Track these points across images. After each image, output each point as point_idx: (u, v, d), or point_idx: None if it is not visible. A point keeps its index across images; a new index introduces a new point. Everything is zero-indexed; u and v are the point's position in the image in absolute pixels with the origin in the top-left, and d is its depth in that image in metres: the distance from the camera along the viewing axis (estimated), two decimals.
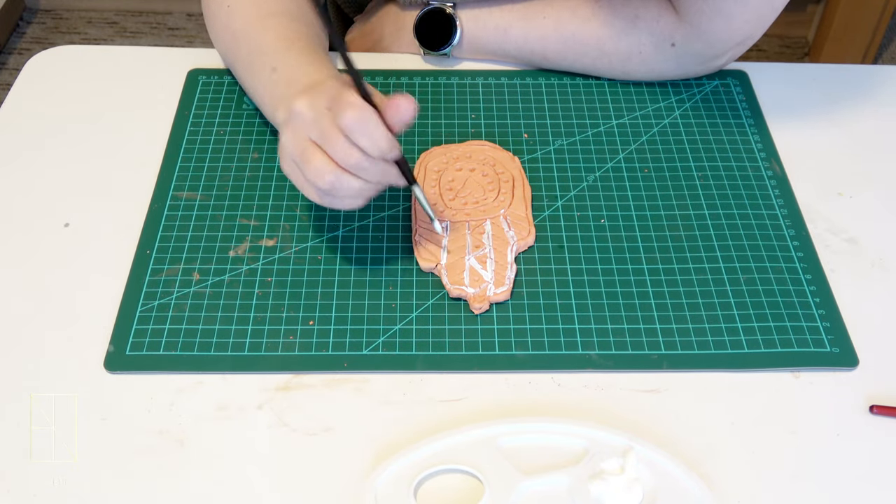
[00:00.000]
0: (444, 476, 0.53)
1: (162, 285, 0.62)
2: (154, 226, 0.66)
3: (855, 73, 0.82)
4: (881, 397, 0.58)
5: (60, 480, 0.53)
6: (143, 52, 0.81)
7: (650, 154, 0.72)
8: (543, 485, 0.52)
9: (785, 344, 0.60)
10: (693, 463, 0.54)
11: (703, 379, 0.58)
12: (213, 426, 0.55)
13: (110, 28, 2.01)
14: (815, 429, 0.56)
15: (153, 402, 0.56)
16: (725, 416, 0.57)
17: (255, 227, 0.66)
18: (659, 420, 0.56)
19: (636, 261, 0.64)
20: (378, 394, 0.57)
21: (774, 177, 0.71)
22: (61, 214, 0.67)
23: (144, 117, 0.74)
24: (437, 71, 0.79)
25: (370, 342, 0.59)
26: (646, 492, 0.52)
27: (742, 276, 0.63)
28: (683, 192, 0.69)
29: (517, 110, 0.76)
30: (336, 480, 0.53)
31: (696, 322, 0.61)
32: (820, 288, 0.63)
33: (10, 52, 1.94)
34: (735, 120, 0.75)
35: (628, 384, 0.58)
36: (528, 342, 0.59)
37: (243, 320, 0.60)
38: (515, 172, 0.69)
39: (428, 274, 0.63)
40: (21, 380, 0.57)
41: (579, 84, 0.78)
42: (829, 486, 0.54)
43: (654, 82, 0.78)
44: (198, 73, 0.78)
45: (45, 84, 0.77)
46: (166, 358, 0.58)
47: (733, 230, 0.66)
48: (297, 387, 0.57)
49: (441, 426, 0.55)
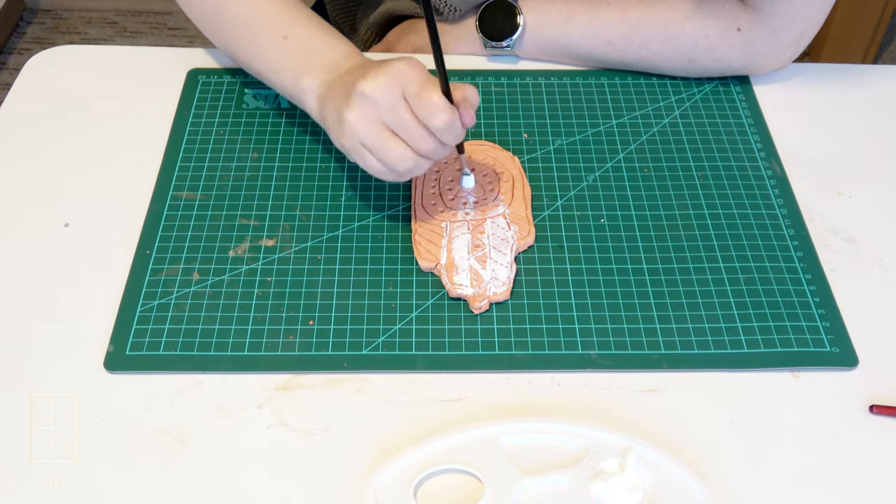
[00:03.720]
0: (444, 476, 0.53)
1: (162, 285, 0.62)
2: (154, 226, 0.66)
3: (855, 73, 0.82)
4: (881, 397, 0.58)
5: (60, 480, 0.53)
6: (143, 52, 0.81)
7: (650, 154, 0.72)
8: (543, 485, 0.52)
9: (785, 344, 0.60)
10: (693, 463, 0.54)
11: (703, 379, 0.58)
12: (213, 426, 0.55)
13: (110, 28, 2.01)
14: (815, 429, 0.56)
15: (153, 402, 0.56)
16: (725, 416, 0.57)
17: (255, 227, 0.66)
18: (659, 420, 0.56)
19: (636, 261, 0.64)
20: (378, 394, 0.57)
21: (774, 177, 0.71)
22: (61, 215, 0.67)
23: (144, 117, 0.74)
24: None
25: (370, 342, 0.59)
26: (646, 492, 0.52)
27: (742, 276, 0.63)
28: (683, 192, 0.69)
29: (517, 110, 0.76)
30: (336, 480, 0.53)
31: (696, 322, 0.61)
32: (820, 288, 0.63)
33: (10, 52, 1.94)
34: (735, 120, 0.75)
35: (628, 384, 0.58)
36: (527, 342, 0.59)
37: (243, 320, 0.60)
38: (515, 172, 0.69)
39: (428, 274, 0.63)
40: (21, 380, 0.57)
41: (579, 84, 0.78)
42: (829, 485, 0.53)
43: (654, 82, 0.78)
44: (198, 73, 0.78)
45: (45, 84, 0.77)
46: (166, 358, 0.58)
47: (733, 230, 0.66)
48: (297, 387, 0.57)
49: (441, 426, 0.55)
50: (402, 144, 0.58)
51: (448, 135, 0.58)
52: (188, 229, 0.66)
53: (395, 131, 0.58)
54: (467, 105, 0.59)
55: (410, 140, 0.58)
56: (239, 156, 0.71)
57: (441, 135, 0.58)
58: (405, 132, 0.58)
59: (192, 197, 0.68)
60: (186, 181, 0.69)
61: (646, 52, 0.76)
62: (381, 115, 0.58)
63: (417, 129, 0.58)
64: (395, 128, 0.58)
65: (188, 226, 0.66)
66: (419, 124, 0.58)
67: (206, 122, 0.74)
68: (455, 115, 0.58)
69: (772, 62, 0.76)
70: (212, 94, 0.76)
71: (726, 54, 0.74)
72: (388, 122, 0.58)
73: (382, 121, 0.58)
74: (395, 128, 0.58)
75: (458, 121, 0.58)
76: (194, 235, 0.65)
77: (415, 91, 0.57)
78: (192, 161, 0.70)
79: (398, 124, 0.58)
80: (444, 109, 0.57)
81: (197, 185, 0.69)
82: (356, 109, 0.58)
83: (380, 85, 0.57)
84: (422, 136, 0.58)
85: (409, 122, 0.58)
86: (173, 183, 0.69)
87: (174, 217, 0.66)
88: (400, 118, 0.58)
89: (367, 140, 0.59)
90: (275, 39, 0.66)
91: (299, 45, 0.66)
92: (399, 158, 0.59)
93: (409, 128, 0.58)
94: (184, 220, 0.66)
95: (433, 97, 0.57)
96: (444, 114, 0.57)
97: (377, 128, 0.58)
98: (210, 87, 0.77)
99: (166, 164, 0.70)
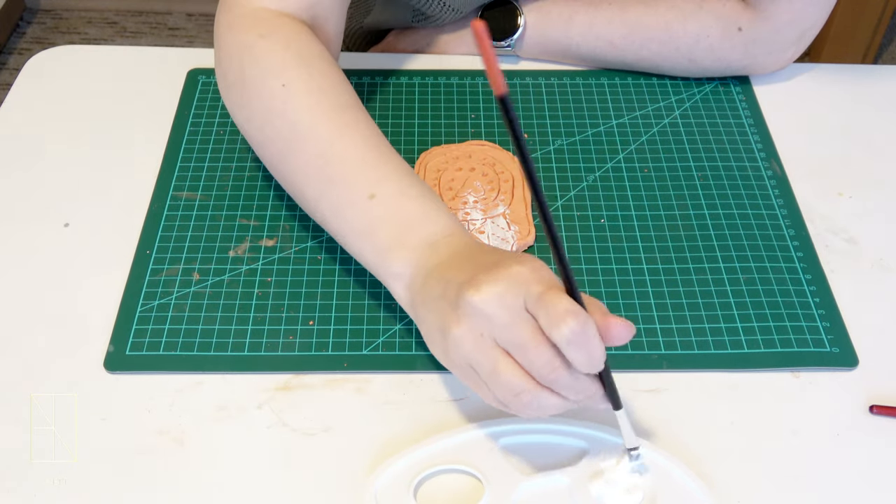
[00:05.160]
0: (444, 476, 0.53)
1: (162, 285, 0.62)
2: (154, 226, 0.66)
3: (855, 73, 0.82)
4: (881, 397, 0.58)
5: (60, 480, 0.53)
6: (143, 52, 0.81)
7: (650, 154, 0.72)
8: (543, 485, 0.52)
9: (785, 344, 0.60)
10: (693, 463, 0.54)
11: (703, 379, 0.58)
12: (213, 426, 0.55)
13: (110, 28, 2.01)
14: (815, 429, 0.56)
15: (153, 402, 0.56)
16: (725, 416, 0.57)
17: (255, 227, 0.66)
18: (659, 420, 0.56)
19: (636, 261, 0.64)
20: (378, 394, 0.57)
21: (774, 177, 0.71)
22: (61, 214, 0.67)
23: (144, 117, 0.74)
24: (436, 71, 0.79)
25: (370, 342, 0.59)
26: (646, 492, 0.52)
27: (742, 276, 0.63)
28: (683, 192, 0.69)
29: (517, 110, 0.76)
30: (336, 480, 0.53)
31: (696, 322, 0.61)
32: (820, 288, 0.63)
33: (10, 52, 1.94)
34: (735, 120, 0.75)
35: (628, 384, 0.58)
36: None
37: (243, 320, 0.60)
38: (515, 172, 0.69)
39: None
40: (21, 380, 0.57)
41: (579, 84, 0.78)
42: (829, 485, 0.53)
43: (654, 82, 0.78)
44: (198, 73, 0.78)
45: (45, 84, 0.77)
46: (166, 358, 0.58)
47: (733, 230, 0.66)
48: (297, 387, 0.57)
49: (441, 426, 0.55)
50: (516, 369, 0.45)
51: (577, 351, 0.43)
52: (188, 229, 0.66)
53: (508, 351, 0.46)
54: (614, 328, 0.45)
55: (530, 365, 0.45)
56: (239, 156, 0.71)
57: (569, 350, 0.44)
58: (524, 354, 0.45)
59: (192, 197, 0.68)
60: (186, 181, 0.69)
61: (646, 51, 0.76)
62: (495, 333, 0.45)
63: (542, 350, 0.44)
64: (510, 347, 0.45)
65: (188, 226, 0.66)
66: (545, 344, 0.44)
67: (206, 122, 0.74)
68: (590, 324, 0.43)
69: (773, 62, 0.76)
70: (212, 94, 0.76)
71: (727, 54, 0.74)
72: (502, 339, 0.45)
73: (495, 338, 0.46)
74: (511, 347, 0.45)
75: (594, 331, 0.44)
76: (194, 235, 0.65)
77: (536, 295, 0.44)
78: (192, 161, 0.70)
79: (517, 344, 0.45)
80: (574, 314, 0.43)
81: (197, 185, 0.69)
82: (465, 323, 0.46)
83: (493, 294, 0.45)
84: (547, 361, 0.44)
85: (529, 339, 0.44)
86: (173, 183, 0.69)
87: (174, 217, 0.66)
88: (519, 335, 0.45)
89: (478, 363, 0.46)
90: (358, 196, 0.54)
91: (389, 211, 0.53)
92: (510, 388, 0.45)
93: (528, 348, 0.44)
94: (184, 220, 0.66)
95: (564, 303, 0.43)
96: (572, 319, 0.43)
97: (490, 349, 0.46)
98: (210, 87, 0.77)
99: (166, 164, 0.70)
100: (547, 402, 0.46)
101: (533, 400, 0.46)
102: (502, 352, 0.46)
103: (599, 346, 0.44)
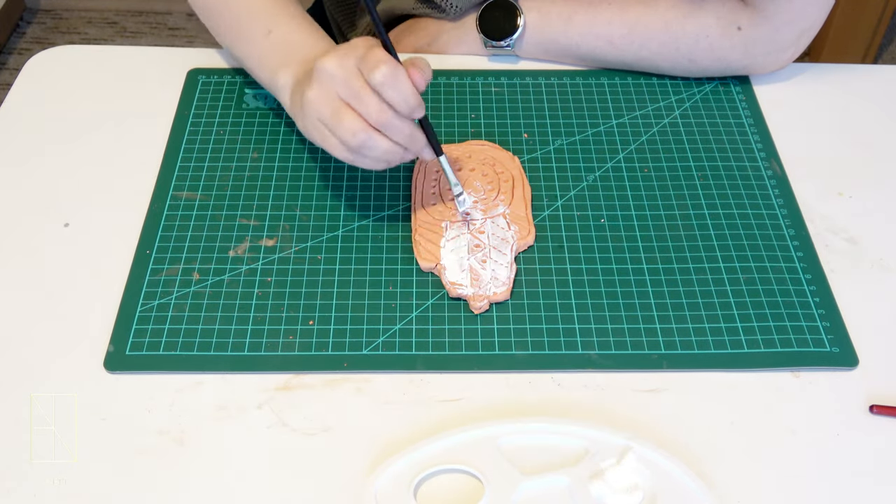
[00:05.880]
0: (444, 476, 0.53)
1: (162, 285, 0.62)
2: (154, 226, 0.66)
3: (855, 73, 0.82)
4: (881, 397, 0.58)
5: (60, 480, 0.53)
6: (143, 52, 0.81)
7: (650, 154, 0.72)
8: (543, 485, 0.52)
9: (785, 344, 0.60)
10: (693, 463, 0.54)
11: (703, 379, 0.58)
12: (213, 426, 0.55)
13: (110, 28, 2.01)
14: (815, 428, 0.56)
15: (153, 402, 0.56)
16: (725, 416, 0.57)
17: (255, 227, 0.66)
18: (659, 420, 0.56)
19: (636, 261, 0.64)
20: (378, 394, 0.57)
21: (774, 177, 0.71)
22: (61, 215, 0.67)
23: (144, 117, 0.74)
24: (436, 71, 0.78)
25: (370, 342, 0.59)
26: (646, 492, 0.52)
27: (742, 276, 0.63)
28: (683, 192, 0.69)
29: (517, 110, 0.76)
30: (336, 480, 0.53)
31: (696, 322, 0.61)
32: (820, 288, 0.63)
33: (10, 52, 1.94)
34: (735, 120, 0.75)
35: (628, 384, 0.58)
36: (527, 342, 0.59)
37: (243, 320, 0.60)
38: (515, 172, 0.69)
39: (428, 274, 0.63)
40: (21, 380, 0.57)
41: (579, 84, 0.78)
42: (829, 485, 0.53)
43: (654, 82, 0.78)
44: (198, 73, 0.78)
45: (45, 84, 0.77)
46: (166, 358, 0.58)
47: (733, 230, 0.66)
48: (297, 387, 0.57)
49: (441, 426, 0.55)
50: (355, 115, 0.57)
51: (392, 91, 0.56)
52: (188, 229, 0.66)
53: (348, 102, 0.57)
54: (415, 67, 0.58)
55: (363, 109, 0.57)
56: (239, 156, 0.71)
57: (384, 90, 0.56)
58: (358, 100, 0.57)
59: (192, 197, 0.68)
60: (186, 181, 0.69)
61: (646, 51, 0.76)
62: (337, 88, 0.57)
63: (369, 95, 0.57)
64: (348, 98, 0.57)
65: (188, 226, 0.66)
66: (371, 91, 0.57)
67: (206, 122, 0.74)
68: (398, 69, 0.56)
69: (772, 62, 0.76)
70: (212, 94, 0.76)
71: (727, 54, 0.74)
72: (343, 93, 0.57)
73: (338, 94, 0.58)
74: (349, 98, 0.57)
75: (403, 75, 0.56)
76: (194, 235, 0.65)
77: (362, 54, 0.57)
78: (192, 161, 0.70)
79: (352, 94, 0.57)
80: (383, 61, 0.56)
81: (197, 185, 0.69)
82: (315, 88, 0.58)
83: (335, 60, 0.57)
84: (374, 104, 0.57)
85: (359, 88, 0.57)
86: (173, 183, 0.69)
87: (174, 217, 0.66)
88: (352, 86, 0.57)
89: (323, 114, 0.58)
90: (259, 33, 0.67)
91: (280, 41, 0.66)
92: (349, 129, 0.57)
93: (360, 95, 0.57)
94: (184, 220, 0.66)
95: (378, 54, 0.56)
96: (382, 65, 0.56)
97: (334, 101, 0.58)
98: (210, 87, 0.77)
99: (166, 164, 0.70)
100: (378, 142, 0.58)
101: (368, 139, 0.57)
102: (344, 103, 0.57)
103: (410, 88, 0.57)
